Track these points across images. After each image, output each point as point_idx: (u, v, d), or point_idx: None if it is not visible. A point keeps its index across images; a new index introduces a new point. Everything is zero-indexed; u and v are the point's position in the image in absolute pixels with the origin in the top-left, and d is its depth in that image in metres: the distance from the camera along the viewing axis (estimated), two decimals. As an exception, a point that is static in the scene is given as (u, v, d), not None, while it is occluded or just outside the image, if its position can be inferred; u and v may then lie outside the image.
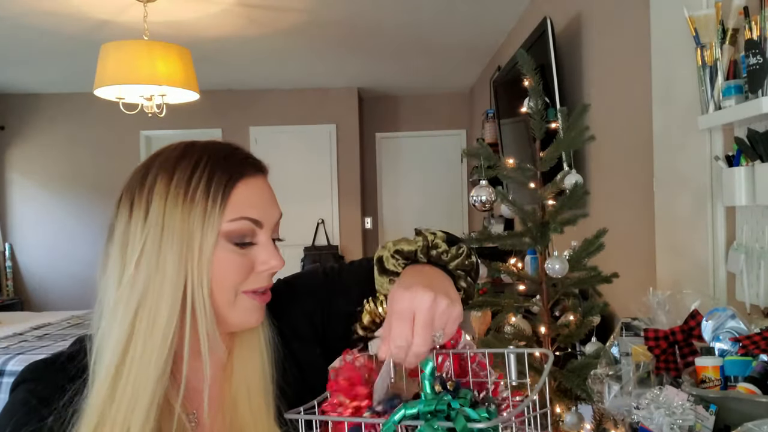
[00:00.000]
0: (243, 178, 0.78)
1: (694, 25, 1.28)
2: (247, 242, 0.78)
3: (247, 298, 0.79)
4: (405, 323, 0.65)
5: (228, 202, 0.76)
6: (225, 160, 0.79)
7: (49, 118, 5.72)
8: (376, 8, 3.57)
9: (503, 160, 1.41)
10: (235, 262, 0.77)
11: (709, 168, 1.39)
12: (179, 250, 0.74)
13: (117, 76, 2.97)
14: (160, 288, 0.73)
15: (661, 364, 1.05)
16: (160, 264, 0.74)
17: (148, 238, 0.74)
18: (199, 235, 0.74)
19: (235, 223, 0.76)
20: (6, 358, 2.79)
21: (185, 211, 0.74)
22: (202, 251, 0.74)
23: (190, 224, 0.74)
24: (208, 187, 0.76)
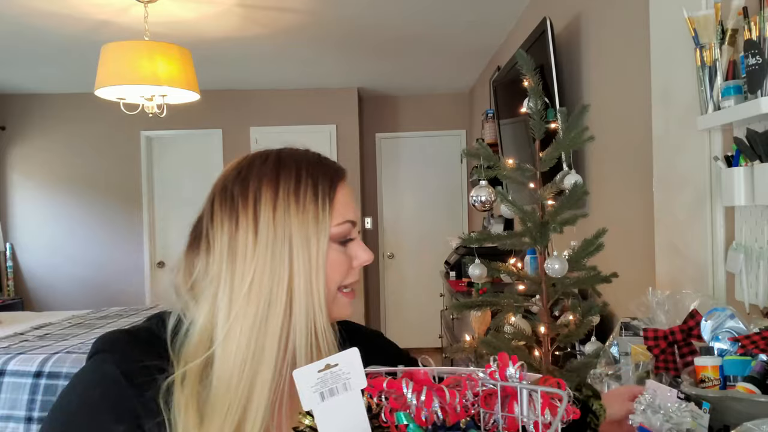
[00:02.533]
0: (340, 182, 0.85)
1: (694, 25, 1.29)
2: (347, 240, 0.84)
3: (343, 296, 0.85)
4: None
5: (334, 207, 0.82)
6: (321, 167, 0.85)
7: (50, 119, 5.72)
8: (376, 8, 3.57)
9: (503, 160, 1.42)
10: (341, 260, 0.83)
11: (708, 168, 1.39)
12: (296, 255, 0.79)
13: (118, 76, 2.98)
14: (278, 293, 0.78)
15: (660, 364, 1.05)
16: (278, 270, 0.78)
17: (261, 246, 0.78)
18: (314, 239, 0.80)
19: (341, 226, 0.83)
20: (7, 358, 2.80)
21: (298, 218, 0.79)
22: (318, 254, 0.80)
23: (305, 230, 0.79)
24: (315, 194, 0.81)
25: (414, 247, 6.25)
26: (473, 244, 1.49)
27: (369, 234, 6.22)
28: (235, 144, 5.76)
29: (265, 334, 0.77)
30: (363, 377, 0.60)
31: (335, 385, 0.59)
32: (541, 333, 1.42)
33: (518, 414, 0.62)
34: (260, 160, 0.84)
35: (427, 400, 0.60)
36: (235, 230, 0.79)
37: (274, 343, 0.77)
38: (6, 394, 2.69)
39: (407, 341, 6.15)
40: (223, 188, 0.82)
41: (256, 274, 0.77)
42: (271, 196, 0.79)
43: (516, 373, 0.62)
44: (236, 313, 0.77)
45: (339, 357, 0.60)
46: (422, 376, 0.64)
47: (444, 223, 6.18)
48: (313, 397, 0.58)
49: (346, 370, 0.60)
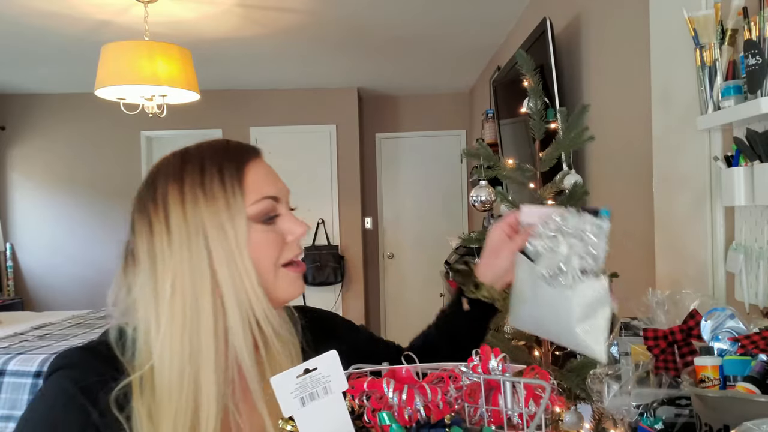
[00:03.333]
0: (249, 162, 0.82)
1: (694, 25, 1.29)
2: (272, 217, 0.82)
3: (287, 271, 0.82)
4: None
5: (245, 188, 0.80)
6: (225, 152, 0.83)
7: (50, 119, 5.72)
8: (376, 8, 3.57)
9: (503, 160, 1.42)
10: (268, 239, 0.81)
11: (708, 168, 1.39)
12: (214, 246, 0.77)
13: (118, 76, 2.98)
14: (202, 288, 0.76)
15: (660, 364, 1.05)
16: (198, 265, 0.76)
17: (176, 246, 0.77)
18: (230, 225, 0.78)
19: (258, 204, 0.80)
20: (7, 358, 2.80)
21: (208, 208, 0.78)
22: (237, 239, 0.78)
23: (218, 218, 0.78)
24: (222, 180, 0.79)
25: (414, 247, 6.25)
26: (473, 244, 1.49)
27: (369, 234, 6.23)
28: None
29: (198, 334, 0.76)
30: (344, 379, 0.59)
31: (315, 389, 0.58)
32: (541, 333, 1.42)
33: (503, 406, 0.62)
34: (165, 162, 0.84)
35: (408, 398, 0.60)
36: (151, 235, 0.78)
37: (209, 340, 0.76)
38: (6, 394, 2.70)
39: (407, 341, 6.15)
40: (138, 199, 0.83)
41: (177, 275, 0.76)
42: (177, 193, 0.79)
43: (498, 366, 0.62)
44: (165, 317, 0.76)
45: (317, 361, 0.59)
46: (404, 374, 0.64)
47: (444, 223, 6.18)
48: (293, 403, 0.58)
49: (326, 374, 0.59)
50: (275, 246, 0.81)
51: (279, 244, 0.82)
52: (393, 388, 0.60)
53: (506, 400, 0.61)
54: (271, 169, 0.86)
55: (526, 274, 0.89)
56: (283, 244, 0.82)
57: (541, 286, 0.85)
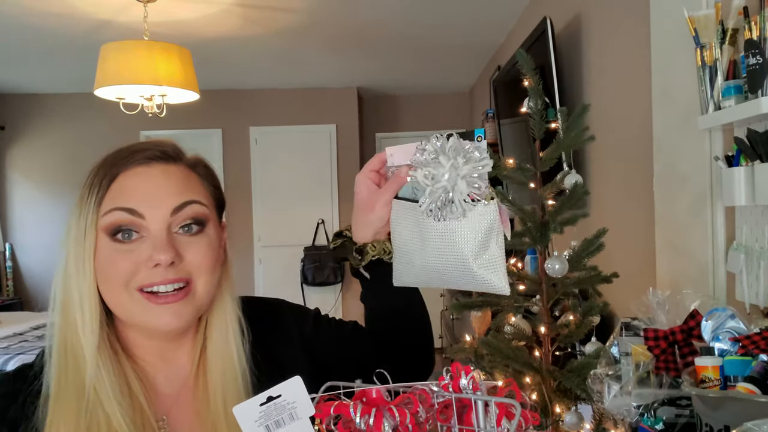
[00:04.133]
0: (125, 170, 0.76)
1: (694, 25, 1.28)
2: (126, 236, 0.74)
3: (141, 297, 0.75)
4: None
5: (105, 196, 0.75)
6: (114, 156, 0.79)
7: (50, 119, 5.72)
8: (376, 8, 3.57)
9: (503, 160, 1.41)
10: (113, 258, 0.74)
11: (708, 168, 1.39)
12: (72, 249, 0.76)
13: (117, 76, 2.98)
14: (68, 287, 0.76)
15: (660, 364, 1.05)
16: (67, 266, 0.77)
17: (66, 242, 0.78)
18: (82, 232, 0.75)
19: (109, 215, 0.74)
20: (6, 358, 2.79)
21: (76, 213, 0.76)
22: (85, 247, 0.75)
23: (78, 224, 0.76)
24: (91, 185, 0.76)
25: (414, 247, 6.24)
26: (473, 244, 1.49)
27: (369, 234, 6.22)
28: (235, 144, 5.76)
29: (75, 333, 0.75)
30: (309, 404, 0.58)
31: (281, 416, 0.57)
32: (541, 333, 1.42)
33: (475, 426, 0.60)
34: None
35: (376, 422, 0.58)
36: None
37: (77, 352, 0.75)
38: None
39: (407, 341, 6.16)
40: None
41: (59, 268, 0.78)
42: (80, 190, 0.78)
43: (469, 384, 0.61)
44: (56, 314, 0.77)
45: (281, 388, 0.58)
46: (375, 394, 0.62)
47: (444, 223, 6.17)
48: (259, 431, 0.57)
49: (291, 400, 0.58)
50: (124, 267, 0.74)
51: (131, 267, 0.74)
52: (360, 412, 0.59)
53: (478, 420, 0.60)
54: (160, 181, 0.77)
55: (409, 220, 0.81)
56: (139, 267, 0.74)
57: (428, 226, 0.77)
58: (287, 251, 5.81)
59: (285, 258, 5.80)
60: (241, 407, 0.57)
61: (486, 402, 0.60)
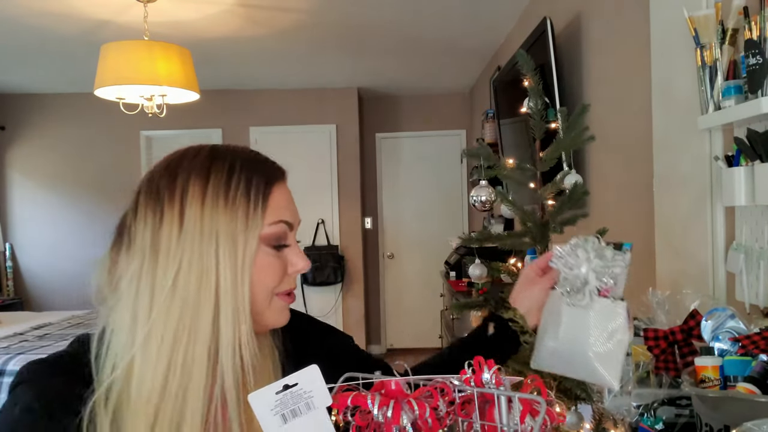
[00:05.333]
0: (277, 182, 0.80)
1: (694, 25, 1.29)
2: (281, 245, 0.79)
3: (280, 300, 0.80)
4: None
5: (268, 206, 0.77)
6: (257, 164, 0.79)
7: (49, 119, 5.72)
8: (376, 8, 3.57)
9: (503, 160, 1.41)
10: (273, 265, 0.78)
11: (708, 168, 1.39)
12: (222, 254, 0.73)
13: (117, 76, 2.98)
14: (205, 294, 0.72)
15: (660, 364, 1.05)
16: (204, 267, 0.72)
17: (186, 242, 0.72)
18: (242, 238, 0.74)
19: (274, 226, 0.77)
20: (6, 358, 2.79)
21: (226, 214, 0.74)
22: (245, 254, 0.74)
23: (233, 227, 0.74)
24: (248, 190, 0.76)
25: (414, 247, 6.25)
26: (473, 244, 1.49)
27: (369, 234, 6.22)
28: (235, 144, 5.75)
29: (195, 340, 0.71)
30: (327, 394, 0.57)
31: (297, 405, 0.56)
32: (541, 333, 1.42)
33: (498, 422, 0.58)
34: (192, 153, 0.79)
35: (394, 415, 0.56)
36: (159, 225, 0.73)
37: (203, 350, 0.71)
38: (5, 394, 2.69)
39: (407, 341, 6.15)
40: (149, 181, 0.78)
41: (181, 272, 0.72)
42: (199, 189, 0.74)
43: (492, 379, 0.59)
44: (157, 312, 0.71)
45: (297, 376, 0.56)
46: (394, 387, 0.60)
47: (444, 223, 6.18)
48: (274, 420, 0.55)
49: (308, 389, 0.56)
50: (276, 273, 0.78)
51: (280, 273, 0.79)
52: (379, 404, 0.57)
53: (501, 415, 0.58)
54: (291, 196, 0.83)
55: (551, 304, 0.89)
56: (283, 274, 0.79)
57: (562, 311, 0.85)
58: (287, 251, 5.80)
59: (285, 258, 5.79)
60: (256, 395, 0.56)
61: (509, 398, 0.58)
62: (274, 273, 0.77)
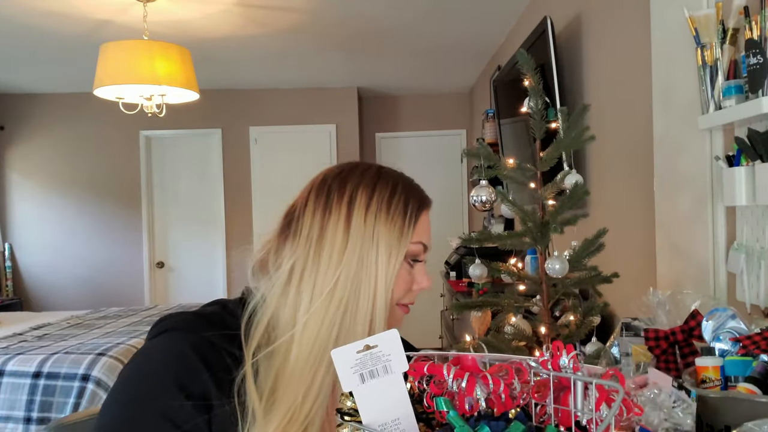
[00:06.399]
0: (426, 208, 0.90)
1: (695, 24, 1.28)
2: (416, 260, 0.89)
3: (400, 311, 0.90)
4: None
5: (416, 226, 0.87)
6: (414, 188, 0.91)
7: (49, 118, 5.72)
8: (377, 8, 3.57)
9: (503, 160, 1.41)
10: (406, 277, 0.88)
11: (709, 168, 1.39)
12: (380, 259, 0.83)
13: (117, 76, 2.97)
14: (363, 293, 0.82)
15: (661, 364, 1.05)
16: (365, 270, 0.82)
17: (351, 242, 0.82)
18: (395, 249, 0.84)
19: (416, 245, 0.87)
20: (6, 358, 2.79)
21: (386, 226, 0.84)
22: (395, 263, 0.84)
23: (390, 239, 0.84)
24: (405, 209, 0.87)
25: (414, 247, 6.24)
26: (474, 244, 1.49)
27: (369, 234, 6.22)
28: (235, 144, 5.75)
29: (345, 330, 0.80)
30: (404, 360, 0.58)
31: (375, 367, 0.58)
32: (541, 333, 1.42)
33: (572, 408, 0.57)
34: (363, 167, 0.90)
35: (468, 386, 0.58)
36: (326, 222, 0.83)
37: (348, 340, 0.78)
38: (5, 394, 2.69)
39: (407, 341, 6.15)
40: (322, 181, 0.88)
41: (343, 270, 0.81)
42: (365, 199, 0.85)
43: (570, 364, 0.58)
44: (319, 304, 0.80)
45: (378, 338, 0.58)
46: (470, 361, 0.62)
47: (444, 223, 6.17)
48: (353, 378, 0.57)
49: (387, 352, 0.58)
50: (406, 285, 0.88)
51: (408, 286, 0.88)
52: (454, 374, 0.59)
53: (576, 401, 0.57)
54: (430, 224, 0.92)
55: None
56: (410, 289, 0.89)
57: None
58: (287, 251, 5.80)
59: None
60: (339, 351, 0.58)
61: (586, 384, 0.57)
62: (404, 284, 0.88)
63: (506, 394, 0.58)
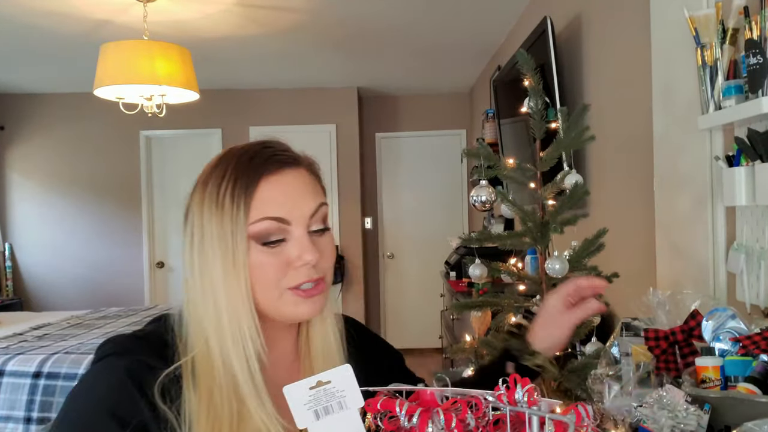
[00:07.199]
0: (264, 177, 0.80)
1: (694, 24, 1.28)
2: (275, 240, 0.79)
3: (293, 295, 0.80)
4: None
5: (251, 204, 0.78)
6: (250, 161, 0.81)
7: (49, 118, 5.72)
8: (376, 8, 3.57)
9: (503, 160, 1.41)
10: (268, 262, 0.79)
11: (709, 168, 1.39)
12: (215, 255, 0.78)
13: (117, 76, 2.97)
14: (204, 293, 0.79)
15: (661, 364, 1.04)
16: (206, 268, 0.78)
17: (194, 244, 0.80)
18: (230, 240, 0.77)
19: (259, 224, 0.78)
20: (6, 358, 2.79)
21: (218, 217, 0.78)
22: (236, 255, 0.77)
23: (224, 230, 0.77)
24: (233, 192, 0.78)
25: (414, 247, 6.25)
26: (473, 244, 1.49)
27: (369, 234, 6.22)
28: (235, 144, 5.74)
29: (232, 334, 0.77)
30: (359, 395, 0.57)
31: (330, 404, 0.57)
32: (541, 333, 1.41)
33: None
34: (216, 156, 0.85)
35: (420, 423, 0.56)
36: (184, 224, 0.82)
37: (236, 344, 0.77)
38: (5, 394, 2.69)
39: (407, 342, 6.14)
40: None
41: (198, 274, 0.79)
42: (199, 196, 0.80)
43: (524, 397, 0.58)
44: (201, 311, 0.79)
45: (331, 374, 0.57)
46: (428, 396, 0.61)
47: (444, 223, 6.17)
48: (307, 415, 0.56)
49: (340, 388, 0.57)
50: (275, 269, 0.79)
51: (281, 268, 0.79)
52: (407, 410, 0.58)
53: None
54: (296, 186, 0.82)
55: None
56: (287, 268, 0.80)
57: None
58: (287, 251, 5.81)
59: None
60: (291, 388, 0.57)
61: (543, 419, 0.57)
62: (271, 269, 0.79)
63: (459, 429, 0.57)
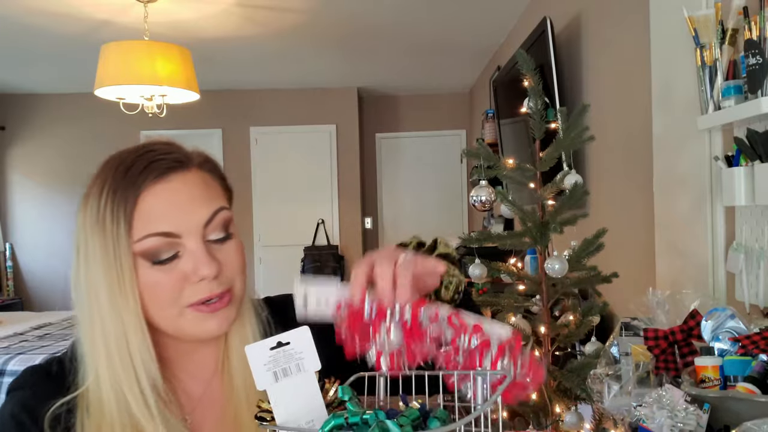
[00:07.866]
0: (146, 187, 0.71)
1: (694, 25, 1.28)
2: (166, 258, 0.71)
3: (193, 312, 0.73)
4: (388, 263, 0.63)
5: (133, 220, 0.70)
6: (126, 171, 0.72)
7: (50, 119, 5.72)
8: (376, 8, 3.57)
9: (503, 160, 1.41)
10: (161, 281, 0.71)
11: (708, 168, 1.39)
12: (104, 276, 0.70)
13: (117, 76, 2.98)
14: (101, 313, 0.71)
15: (660, 364, 1.05)
16: (94, 289, 0.71)
17: (79, 263, 0.73)
18: (114, 260, 0.70)
19: (144, 242, 0.70)
20: (6, 358, 2.79)
21: (99, 236, 0.70)
22: (122, 276, 0.70)
23: (106, 250, 0.70)
24: (113, 207, 0.70)
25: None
26: (473, 244, 1.49)
27: (369, 234, 6.22)
28: (235, 144, 5.75)
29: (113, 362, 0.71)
30: (316, 358, 0.58)
31: (288, 365, 0.57)
32: (541, 333, 1.42)
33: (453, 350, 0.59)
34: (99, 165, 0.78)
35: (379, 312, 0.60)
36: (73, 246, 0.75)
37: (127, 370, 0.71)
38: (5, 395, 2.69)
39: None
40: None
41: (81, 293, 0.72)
42: (82, 212, 0.73)
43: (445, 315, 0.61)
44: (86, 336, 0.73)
45: (290, 335, 0.58)
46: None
47: (444, 223, 6.17)
48: (266, 376, 0.57)
49: (299, 350, 0.58)
50: (170, 288, 0.71)
51: (176, 286, 0.72)
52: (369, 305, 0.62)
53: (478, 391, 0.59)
54: (182, 194, 0.73)
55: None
56: (183, 284, 0.72)
57: None
58: (287, 251, 5.81)
59: (285, 258, 5.80)
60: (252, 347, 0.57)
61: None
62: (165, 288, 0.71)
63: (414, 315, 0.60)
